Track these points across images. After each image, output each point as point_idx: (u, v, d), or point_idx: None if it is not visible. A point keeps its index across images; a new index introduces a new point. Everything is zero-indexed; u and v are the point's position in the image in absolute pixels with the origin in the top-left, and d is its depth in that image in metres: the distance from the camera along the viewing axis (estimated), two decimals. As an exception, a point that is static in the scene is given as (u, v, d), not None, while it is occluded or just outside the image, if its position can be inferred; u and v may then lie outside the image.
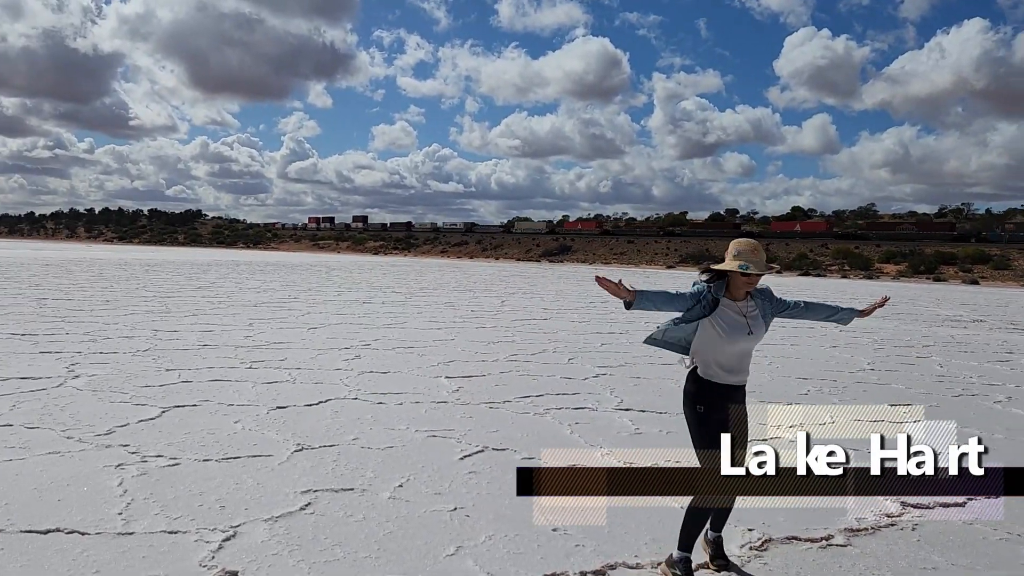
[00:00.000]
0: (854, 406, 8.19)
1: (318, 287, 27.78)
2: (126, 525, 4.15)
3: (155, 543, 3.93)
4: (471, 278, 42.62)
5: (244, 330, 13.30)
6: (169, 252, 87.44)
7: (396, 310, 18.93)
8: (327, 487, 4.93)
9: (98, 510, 4.35)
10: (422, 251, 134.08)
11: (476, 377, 9.40)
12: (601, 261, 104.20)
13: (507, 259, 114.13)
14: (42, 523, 4.12)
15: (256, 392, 7.92)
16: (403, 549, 3.99)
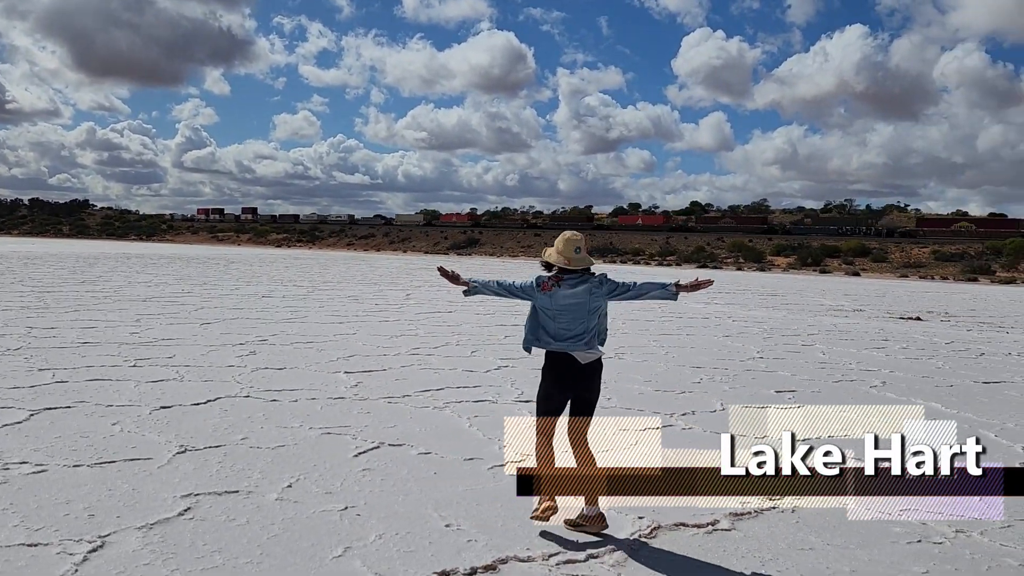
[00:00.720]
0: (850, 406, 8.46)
1: (215, 281, 26.80)
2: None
3: (11, 557, 3.64)
4: (377, 271, 42.06)
5: (131, 326, 12.66)
6: (52, 244, 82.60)
7: (297, 304, 18.43)
8: (210, 490, 4.71)
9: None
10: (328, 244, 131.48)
11: (376, 372, 9.23)
12: (508, 254, 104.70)
13: (415, 252, 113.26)
14: None
15: (139, 391, 7.52)
16: (288, 552, 3.84)
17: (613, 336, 13.85)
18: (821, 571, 3.92)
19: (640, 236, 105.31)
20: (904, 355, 12.58)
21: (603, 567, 3.87)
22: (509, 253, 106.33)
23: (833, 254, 74.75)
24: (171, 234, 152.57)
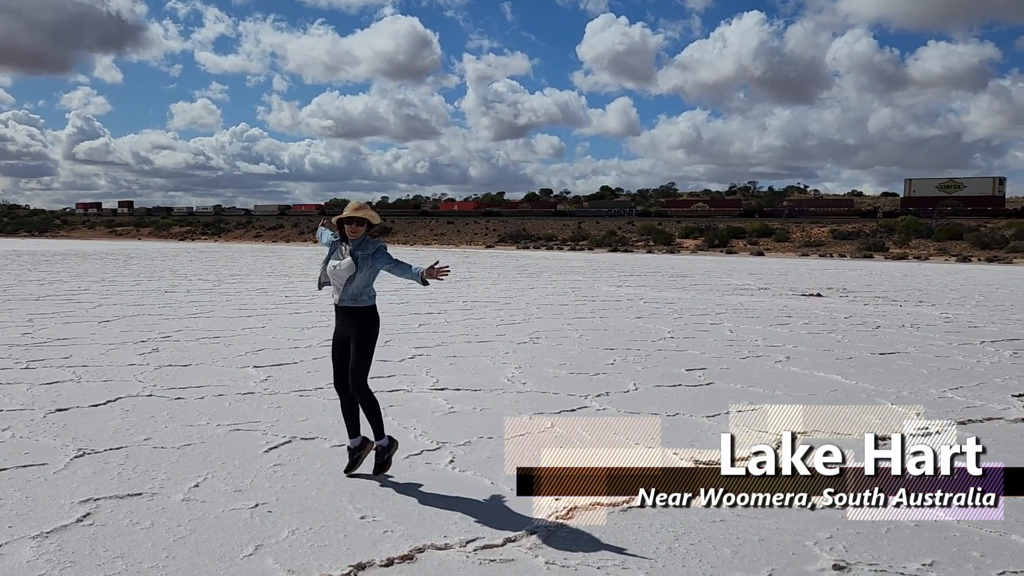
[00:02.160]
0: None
1: (114, 277, 25.65)
2: None
3: None
4: (287, 263, 41.08)
5: (22, 326, 11.98)
6: (-66, 243, 77.38)
7: (203, 299, 17.83)
8: (111, 494, 4.50)
9: None
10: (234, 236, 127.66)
11: (287, 365, 9.02)
12: (422, 242, 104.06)
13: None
14: None
15: (32, 394, 7.13)
16: (195, 554, 3.71)
17: (527, 321, 13.91)
18: (731, 540, 4.04)
19: (553, 221, 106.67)
20: (806, 330, 13.12)
21: (520, 550, 3.89)
22: (422, 241, 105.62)
23: (738, 235, 77.18)
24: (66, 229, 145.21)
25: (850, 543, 4.05)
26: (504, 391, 7.74)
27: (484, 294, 20.49)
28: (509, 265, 41.70)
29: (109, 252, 55.31)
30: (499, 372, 8.77)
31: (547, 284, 25.27)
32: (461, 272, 32.94)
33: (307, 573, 3.57)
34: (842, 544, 4.04)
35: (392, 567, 3.67)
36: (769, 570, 3.75)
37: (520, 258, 55.95)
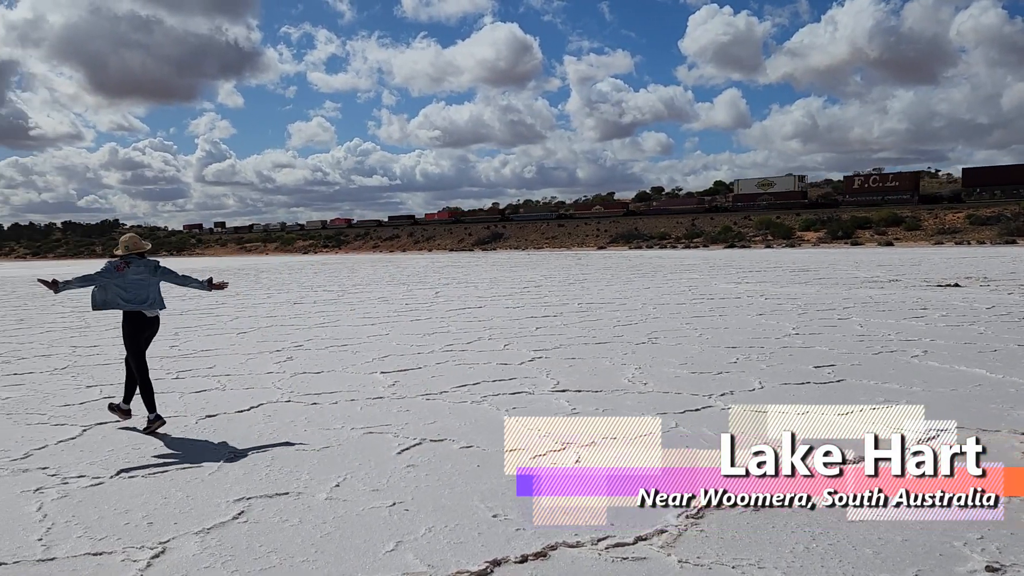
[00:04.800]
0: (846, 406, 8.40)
1: (247, 291, 27.15)
2: (47, 551, 3.96)
3: (78, 567, 3.76)
4: (404, 271, 42.29)
5: (170, 339, 12.89)
6: (87, 265, 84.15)
7: (328, 308, 18.63)
8: (261, 493, 4.81)
9: (16, 538, 4.15)
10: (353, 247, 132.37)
11: (412, 370, 9.32)
12: (533, 246, 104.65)
13: (440, 250, 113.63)
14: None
15: (184, 402, 7.68)
16: (341, 549, 3.92)
17: (644, 321, 13.78)
18: (872, 541, 3.91)
19: (665, 220, 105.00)
20: (944, 323, 12.42)
21: (652, 548, 3.90)
22: (534, 245, 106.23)
23: (864, 225, 73.66)
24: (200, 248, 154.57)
25: (1004, 544, 3.84)
26: (625, 392, 7.73)
27: (599, 295, 20.45)
28: (622, 265, 41.39)
29: (240, 267, 58.54)
30: (619, 373, 8.76)
31: (662, 283, 24.96)
32: (575, 274, 32.97)
33: (445, 568, 3.70)
34: (995, 545, 3.84)
35: (526, 564, 3.76)
36: (915, 571, 3.61)
37: (633, 258, 55.45)
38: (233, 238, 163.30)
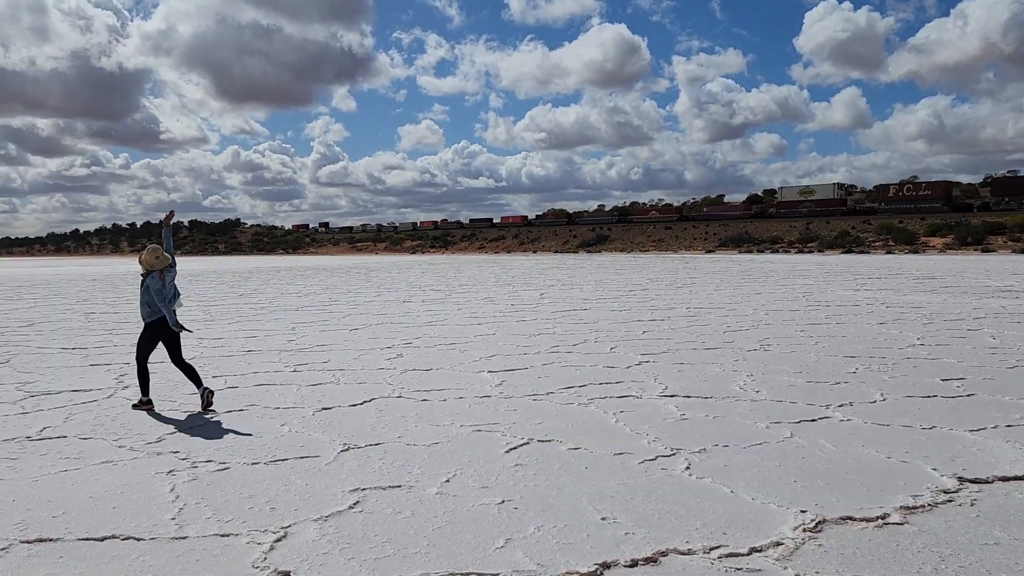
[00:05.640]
0: (905, 382, 7.94)
1: (358, 289, 28.03)
2: (179, 530, 4.21)
3: (208, 546, 3.98)
4: (510, 272, 42.63)
5: (287, 334, 13.46)
6: (211, 261, 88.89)
7: (436, 308, 19.00)
8: (375, 485, 4.95)
9: (151, 516, 4.42)
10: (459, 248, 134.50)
11: (519, 370, 9.38)
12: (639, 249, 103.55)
13: (545, 251, 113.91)
14: (98, 530, 4.20)
15: (301, 395, 8.00)
16: (452, 543, 3.99)
17: (756, 327, 13.39)
18: (1009, 566, 3.66)
19: (778, 224, 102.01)
20: (1086, 337, 11.51)
21: (768, 561, 3.78)
22: (640, 248, 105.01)
23: (996, 231, 69.17)
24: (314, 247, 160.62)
25: None
26: (737, 399, 7.53)
27: (708, 300, 20.02)
28: (731, 270, 40.37)
29: (352, 266, 60.50)
30: (730, 380, 8.55)
31: (774, 289, 24.19)
32: (682, 278, 32.41)
33: (555, 568, 3.71)
34: None
35: (636, 568, 3.72)
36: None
37: (743, 262, 53.96)
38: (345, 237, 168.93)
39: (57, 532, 4.19)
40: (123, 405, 7.56)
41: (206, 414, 7.12)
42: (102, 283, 34.64)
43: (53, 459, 5.65)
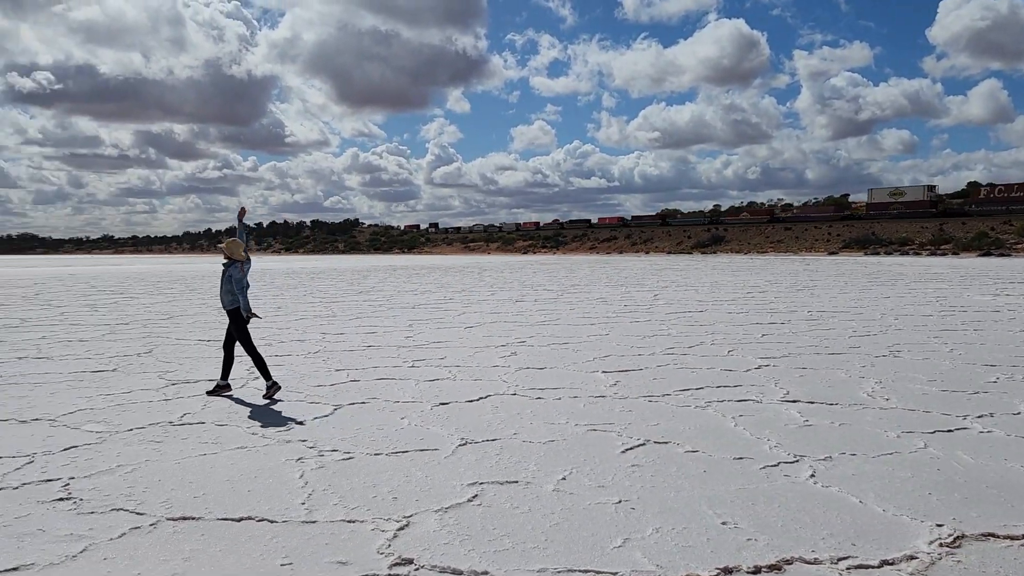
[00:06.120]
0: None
1: (471, 288, 28.48)
2: (309, 514, 4.40)
3: (336, 531, 4.15)
4: (622, 273, 42.30)
5: (404, 331, 13.84)
6: (331, 260, 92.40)
7: (549, 307, 19.08)
8: (492, 479, 5.03)
9: (283, 500, 4.65)
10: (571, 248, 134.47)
11: (633, 371, 9.30)
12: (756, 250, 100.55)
13: (658, 252, 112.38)
14: (235, 511, 4.45)
15: (419, 389, 8.20)
16: (570, 540, 4.00)
17: (884, 332, 12.76)
18: None
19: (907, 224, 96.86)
20: None
21: (900, 575, 3.60)
22: (757, 249, 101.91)
23: None
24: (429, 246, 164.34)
25: None
26: (864, 406, 7.20)
27: (831, 303, 19.22)
28: (857, 272, 38.60)
29: (465, 266, 61.52)
30: (856, 386, 8.18)
31: (904, 292, 22.97)
32: (803, 280, 31.25)
33: (675, 571, 3.66)
34: None
35: (759, 575, 3.62)
36: None
37: (869, 264, 51.51)
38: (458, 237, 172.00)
39: (198, 511, 4.47)
40: (254, 395, 7.97)
41: (213, 393, 7.93)
42: (233, 280, 36.62)
43: (193, 444, 6.03)
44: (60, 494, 4.77)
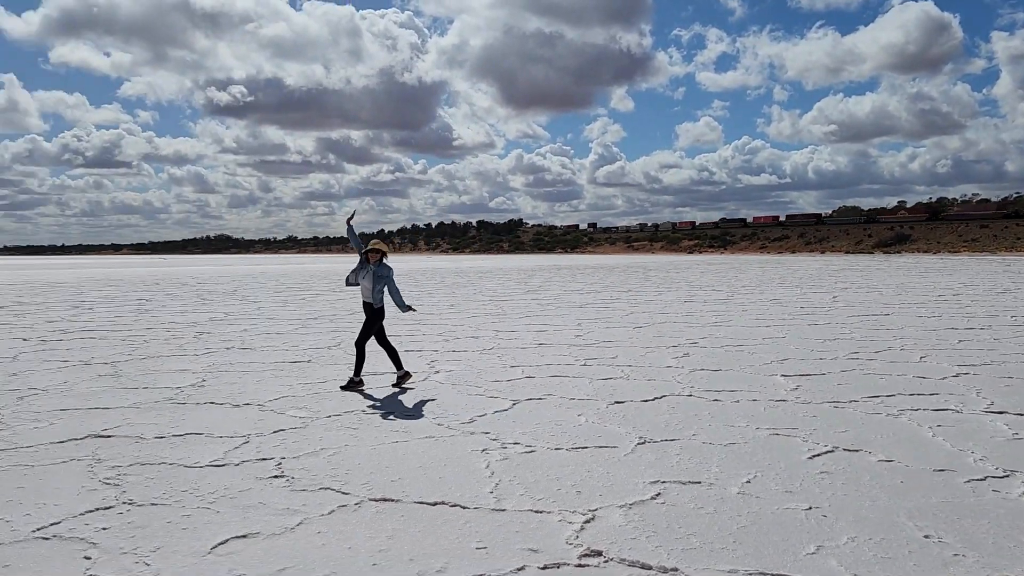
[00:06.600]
0: None
1: (638, 287, 28.28)
2: (498, 502, 4.60)
3: (525, 520, 4.30)
4: (796, 273, 40.51)
5: (574, 330, 13.98)
6: (496, 259, 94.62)
7: (719, 308, 18.62)
8: (674, 479, 5.02)
9: (472, 488, 4.88)
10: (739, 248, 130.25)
11: (814, 375, 8.93)
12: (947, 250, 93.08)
13: (833, 252, 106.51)
14: (430, 496, 4.72)
15: (593, 387, 8.29)
16: (759, 543, 3.94)
17: (1000, 342, 11.43)
18: None
19: None
20: None
21: None
22: (948, 249, 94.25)
23: None
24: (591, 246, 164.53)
25: None
26: (1085, 420, 6.54)
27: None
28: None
29: (629, 265, 61.10)
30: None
31: None
32: (1003, 282, 28.58)
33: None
34: None
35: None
36: None
37: None
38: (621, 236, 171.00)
39: (396, 494, 4.78)
40: (437, 387, 8.36)
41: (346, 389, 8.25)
42: (406, 279, 38.37)
43: (385, 431, 6.43)
44: (274, 472, 5.25)
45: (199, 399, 7.77)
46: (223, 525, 4.25)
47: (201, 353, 11.13)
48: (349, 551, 3.90)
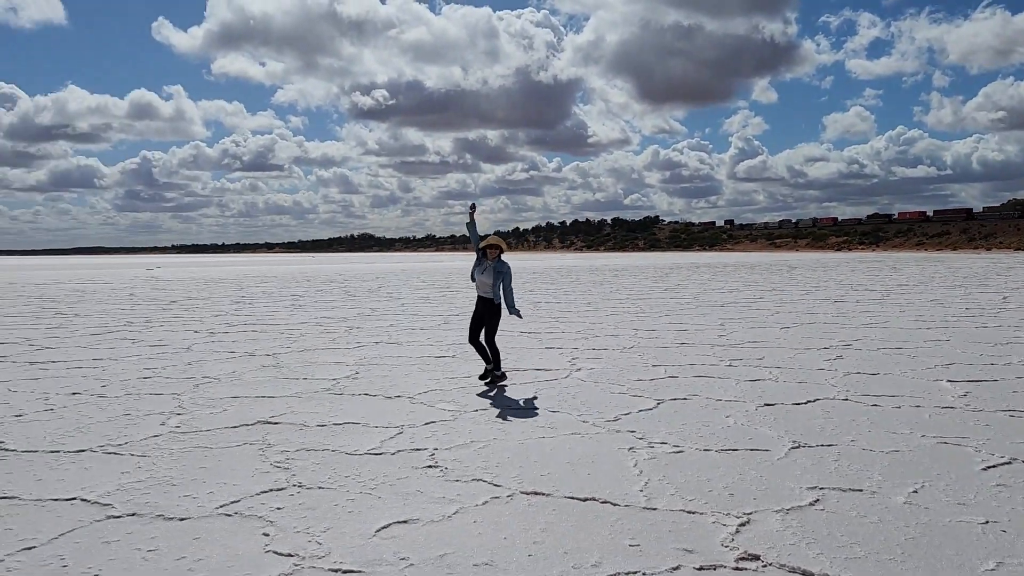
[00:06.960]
0: None
1: (782, 286, 27.23)
2: (648, 501, 4.58)
3: (677, 520, 4.27)
4: (958, 272, 37.81)
5: (716, 329, 13.66)
6: (631, 257, 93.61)
7: (873, 308, 17.66)
8: (832, 485, 4.83)
9: (621, 485, 4.88)
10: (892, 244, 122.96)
11: (985, 381, 8.32)
12: None
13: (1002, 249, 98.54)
14: (580, 492, 4.76)
15: (740, 388, 8.08)
16: (931, 557, 3.72)
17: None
18: None
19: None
20: None
21: None
22: None
23: None
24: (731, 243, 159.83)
25: None
26: None
27: None
28: None
29: (770, 263, 58.89)
30: None
31: None
32: None
33: (1066, 606, 3.25)
34: None
35: None
36: None
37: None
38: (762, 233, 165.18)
39: (547, 488, 4.85)
40: (579, 384, 8.40)
41: (486, 382, 8.50)
42: (541, 276, 38.68)
43: (531, 426, 6.53)
44: (429, 462, 5.46)
45: (354, 390, 8.17)
46: (385, 510, 4.46)
47: (352, 347, 11.68)
48: (505, 541, 4.00)
